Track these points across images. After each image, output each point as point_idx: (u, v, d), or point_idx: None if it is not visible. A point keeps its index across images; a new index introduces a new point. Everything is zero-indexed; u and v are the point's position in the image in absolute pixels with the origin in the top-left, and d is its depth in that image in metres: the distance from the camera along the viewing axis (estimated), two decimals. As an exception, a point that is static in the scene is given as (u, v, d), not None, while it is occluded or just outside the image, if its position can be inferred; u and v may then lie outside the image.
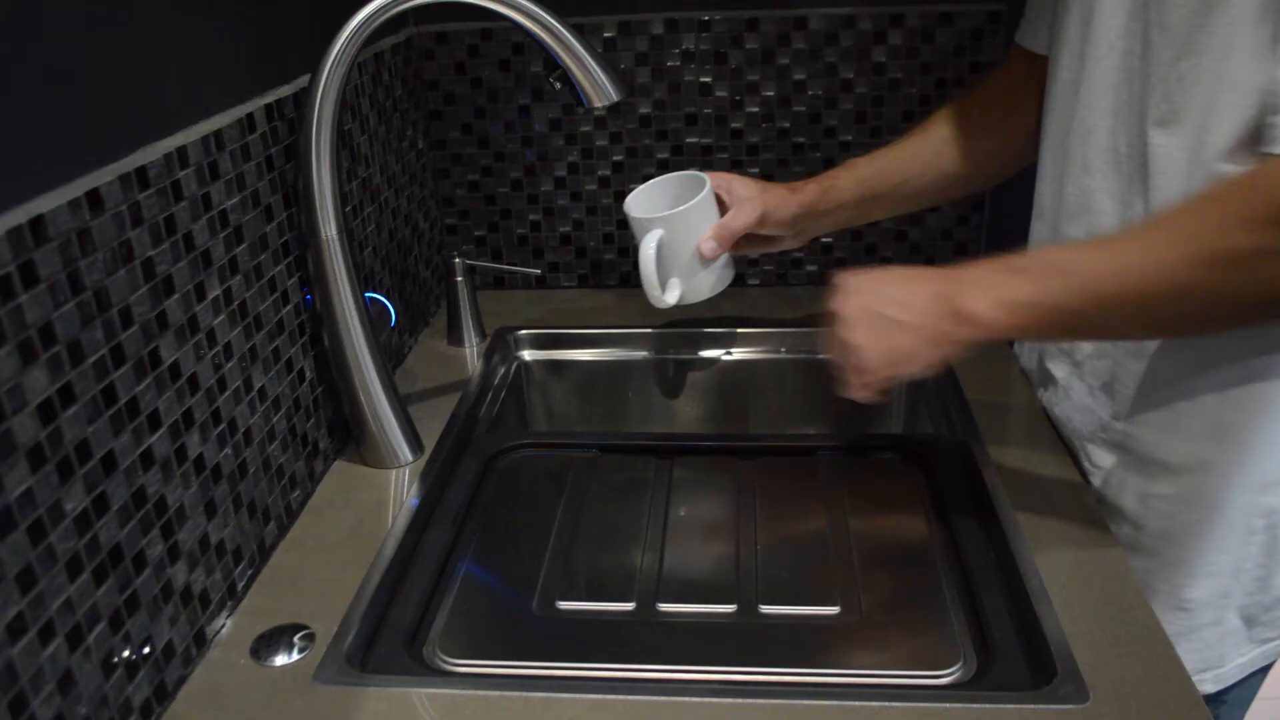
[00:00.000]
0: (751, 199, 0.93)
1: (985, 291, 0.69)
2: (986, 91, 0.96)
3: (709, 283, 0.96)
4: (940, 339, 0.71)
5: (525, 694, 0.66)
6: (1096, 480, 0.83)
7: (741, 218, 0.92)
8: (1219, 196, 0.63)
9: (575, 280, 1.30)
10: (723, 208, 0.94)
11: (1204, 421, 0.75)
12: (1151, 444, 0.78)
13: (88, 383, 0.59)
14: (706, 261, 0.93)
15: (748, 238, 0.94)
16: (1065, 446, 0.89)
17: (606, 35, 1.17)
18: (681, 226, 0.92)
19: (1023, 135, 0.92)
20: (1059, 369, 0.88)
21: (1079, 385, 0.85)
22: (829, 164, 1.20)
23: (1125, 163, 0.75)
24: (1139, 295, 0.65)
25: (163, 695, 0.66)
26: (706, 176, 0.93)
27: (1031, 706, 0.64)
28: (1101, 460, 0.83)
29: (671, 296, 0.94)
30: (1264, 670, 0.84)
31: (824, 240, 1.25)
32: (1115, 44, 0.74)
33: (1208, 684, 0.82)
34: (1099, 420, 0.83)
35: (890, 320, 0.73)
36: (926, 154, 0.96)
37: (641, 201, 0.96)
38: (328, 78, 0.80)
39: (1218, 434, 0.74)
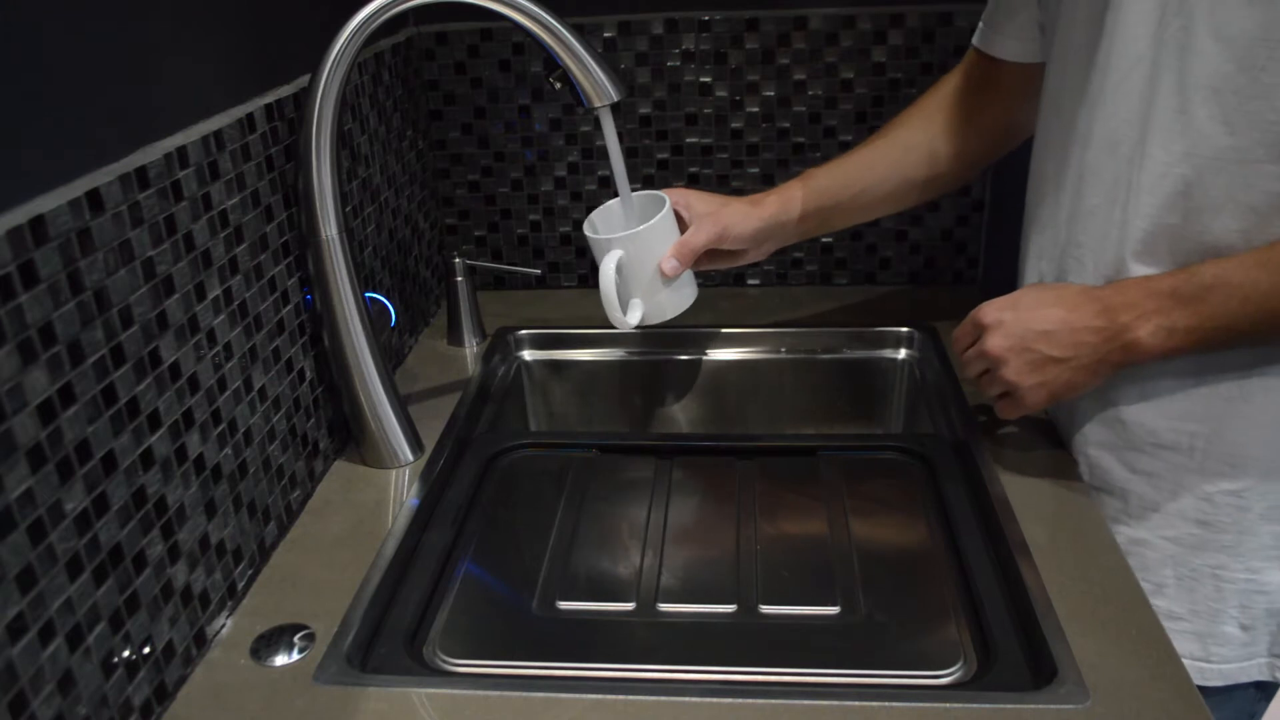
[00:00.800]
0: (711, 214, 0.93)
1: (1151, 322, 0.71)
2: (946, 95, 0.95)
3: (672, 302, 0.95)
4: (1101, 368, 0.74)
5: (525, 694, 0.66)
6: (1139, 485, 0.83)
7: (701, 234, 0.91)
8: None
9: (575, 280, 1.30)
10: (683, 225, 0.94)
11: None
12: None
13: (88, 383, 0.59)
14: (668, 280, 0.92)
15: (709, 253, 0.94)
16: (1065, 446, 0.89)
17: (606, 35, 1.17)
18: (641, 246, 0.91)
19: (988, 138, 0.92)
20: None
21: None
22: (829, 164, 1.20)
23: (1164, 179, 0.73)
24: None
25: (163, 695, 0.66)
26: (665, 195, 0.93)
27: (1031, 706, 0.64)
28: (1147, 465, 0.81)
29: (633, 317, 0.93)
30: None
31: (824, 240, 1.25)
32: (1144, 54, 0.71)
33: None
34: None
35: (1048, 358, 0.75)
36: (887, 161, 0.95)
37: (600, 222, 0.96)
38: (328, 78, 0.80)
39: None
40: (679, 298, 0.95)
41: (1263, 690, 0.84)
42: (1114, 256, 0.76)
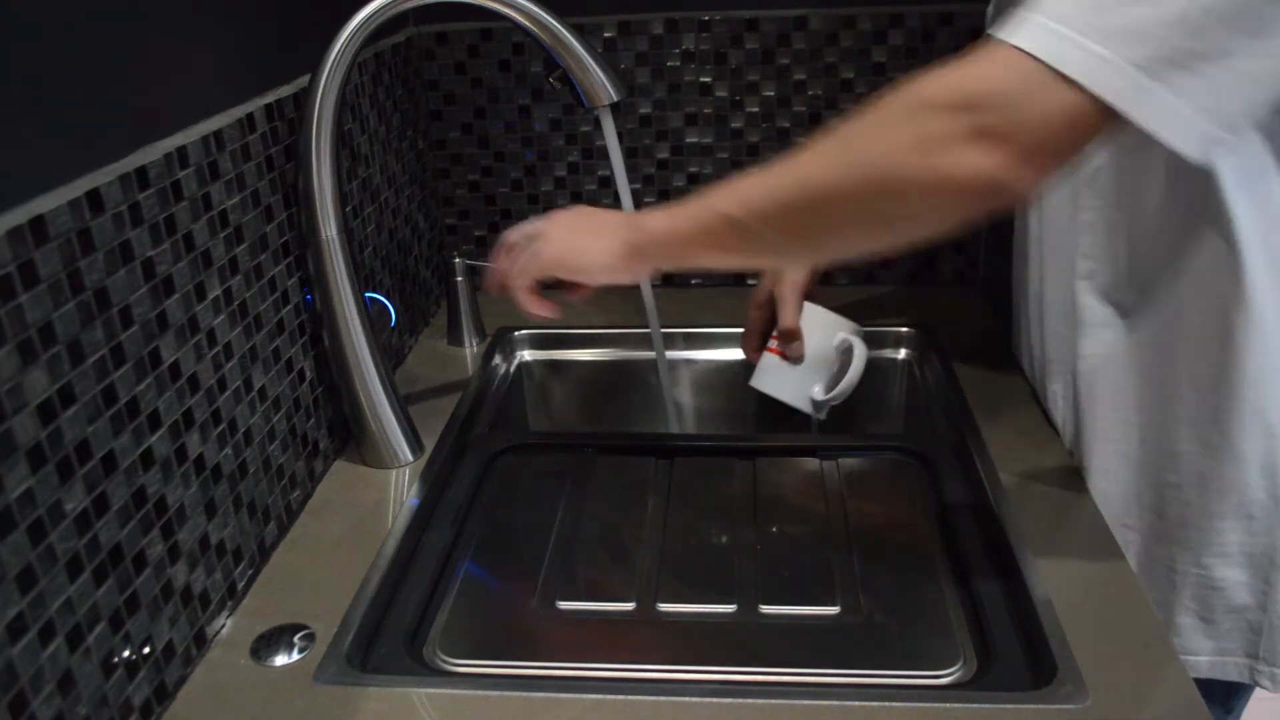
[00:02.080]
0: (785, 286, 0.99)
1: (664, 206, 0.72)
2: None
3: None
4: (620, 244, 0.75)
5: (525, 694, 0.66)
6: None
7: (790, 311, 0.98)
8: (890, 93, 0.61)
9: (575, 280, 1.29)
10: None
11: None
12: None
13: (88, 383, 0.59)
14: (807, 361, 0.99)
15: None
16: (1065, 446, 0.89)
17: (606, 35, 1.17)
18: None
19: None
20: None
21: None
22: (829, 164, 1.20)
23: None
24: (801, 204, 0.64)
25: (163, 695, 0.66)
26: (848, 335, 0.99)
27: (1031, 706, 0.64)
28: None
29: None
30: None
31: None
32: None
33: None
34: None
35: (574, 223, 0.79)
36: None
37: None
38: (328, 78, 0.80)
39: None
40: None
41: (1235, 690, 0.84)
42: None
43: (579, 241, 0.77)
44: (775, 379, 1.00)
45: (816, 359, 0.99)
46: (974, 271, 1.26)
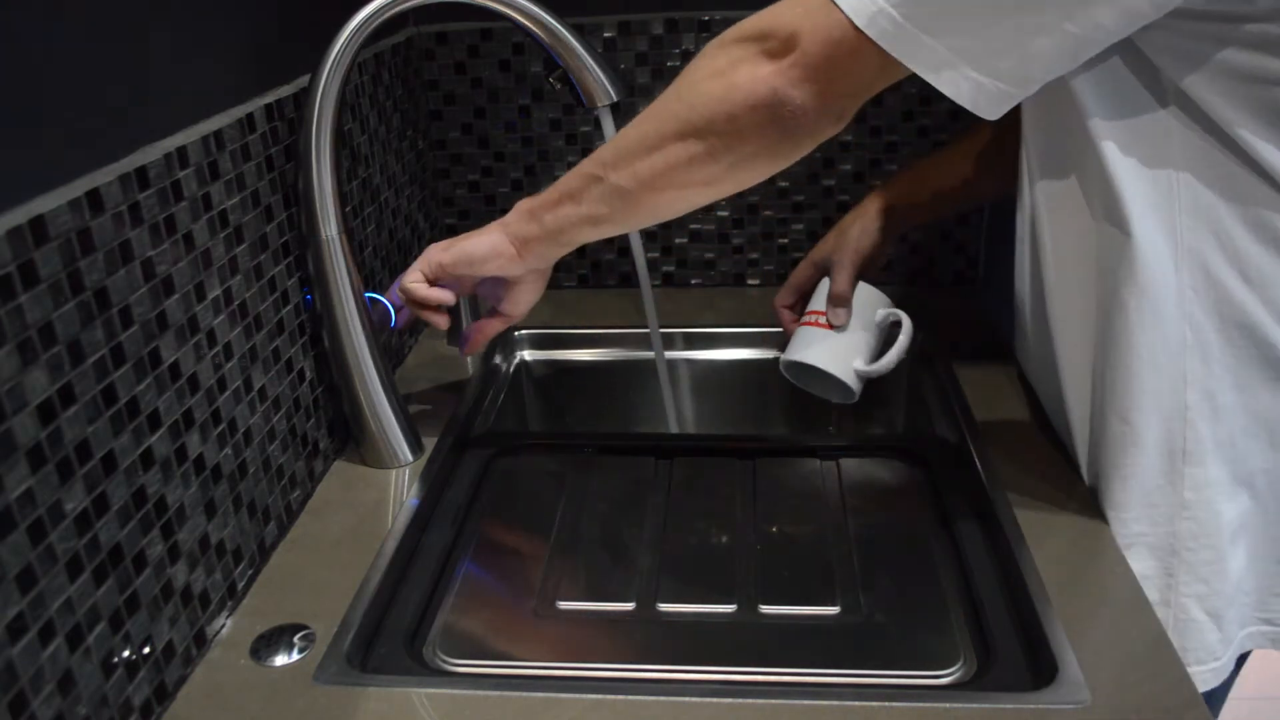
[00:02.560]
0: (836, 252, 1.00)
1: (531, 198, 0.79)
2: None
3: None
4: (496, 228, 0.81)
5: (525, 694, 0.66)
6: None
7: (844, 277, 0.98)
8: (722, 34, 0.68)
9: (575, 280, 1.30)
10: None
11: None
12: None
13: (88, 383, 0.59)
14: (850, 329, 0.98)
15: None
16: (1064, 446, 0.89)
17: (606, 35, 1.17)
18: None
19: None
20: None
21: None
22: (828, 164, 1.20)
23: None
24: (647, 143, 0.70)
25: (163, 695, 0.66)
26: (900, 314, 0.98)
27: (1031, 706, 0.64)
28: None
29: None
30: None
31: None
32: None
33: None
34: None
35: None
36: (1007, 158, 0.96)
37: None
38: (328, 78, 0.80)
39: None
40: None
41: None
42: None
43: (465, 237, 0.82)
44: (816, 350, 0.97)
45: (858, 331, 0.97)
46: (974, 271, 1.26)
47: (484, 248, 0.81)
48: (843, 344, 0.97)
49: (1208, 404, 0.73)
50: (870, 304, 0.98)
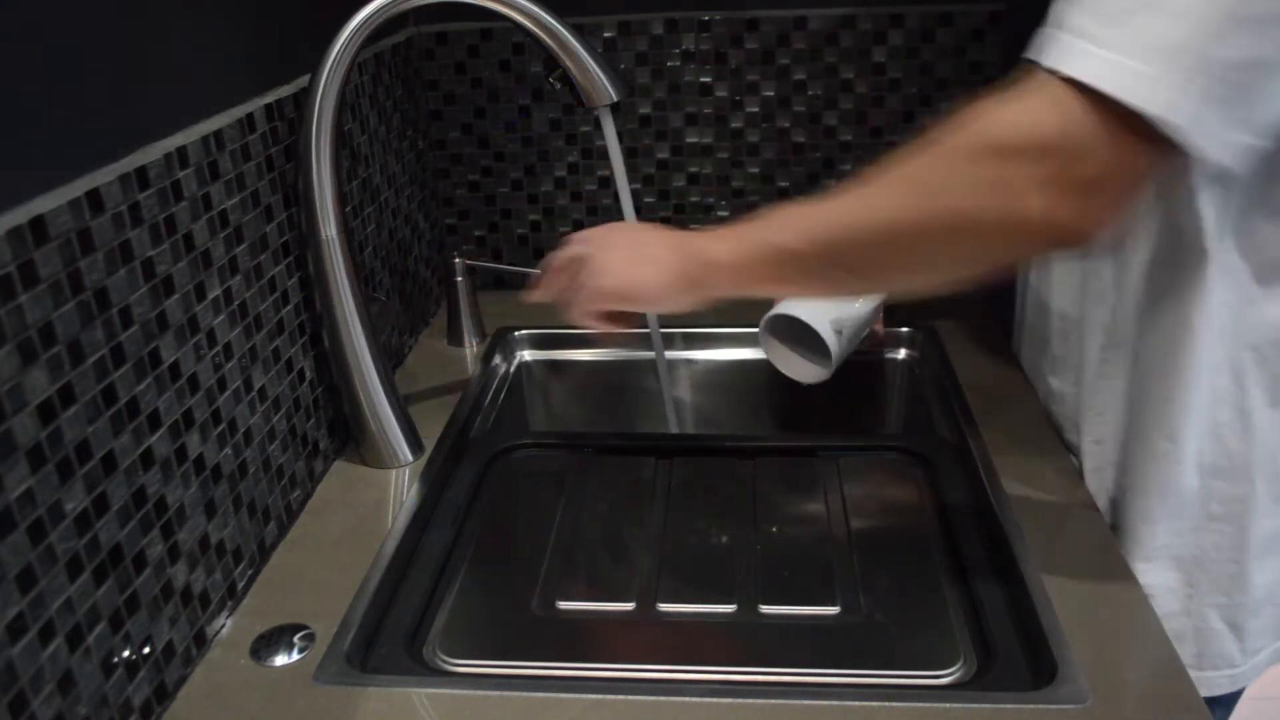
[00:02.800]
0: None
1: (714, 235, 0.70)
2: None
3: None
4: (677, 277, 0.72)
5: (525, 694, 0.66)
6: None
7: None
8: (952, 131, 0.60)
9: (575, 280, 1.29)
10: None
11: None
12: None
13: (88, 383, 0.59)
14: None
15: None
16: (1065, 446, 0.89)
17: (606, 35, 1.17)
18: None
19: None
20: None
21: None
22: (829, 164, 1.20)
23: None
24: (865, 240, 0.63)
25: (163, 695, 0.66)
26: None
27: (1031, 706, 0.64)
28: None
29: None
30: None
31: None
32: None
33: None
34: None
35: (629, 252, 0.75)
36: None
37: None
38: (328, 78, 0.80)
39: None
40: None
41: None
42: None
43: (636, 272, 0.74)
44: (794, 304, 0.98)
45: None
46: (974, 271, 1.25)
47: (657, 296, 0.74)
48: (820, 303, 0.98)
49: (1240, 421, 0.73)
50: None
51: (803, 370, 1.01)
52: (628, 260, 0.75)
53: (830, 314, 0.98)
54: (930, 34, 1.14)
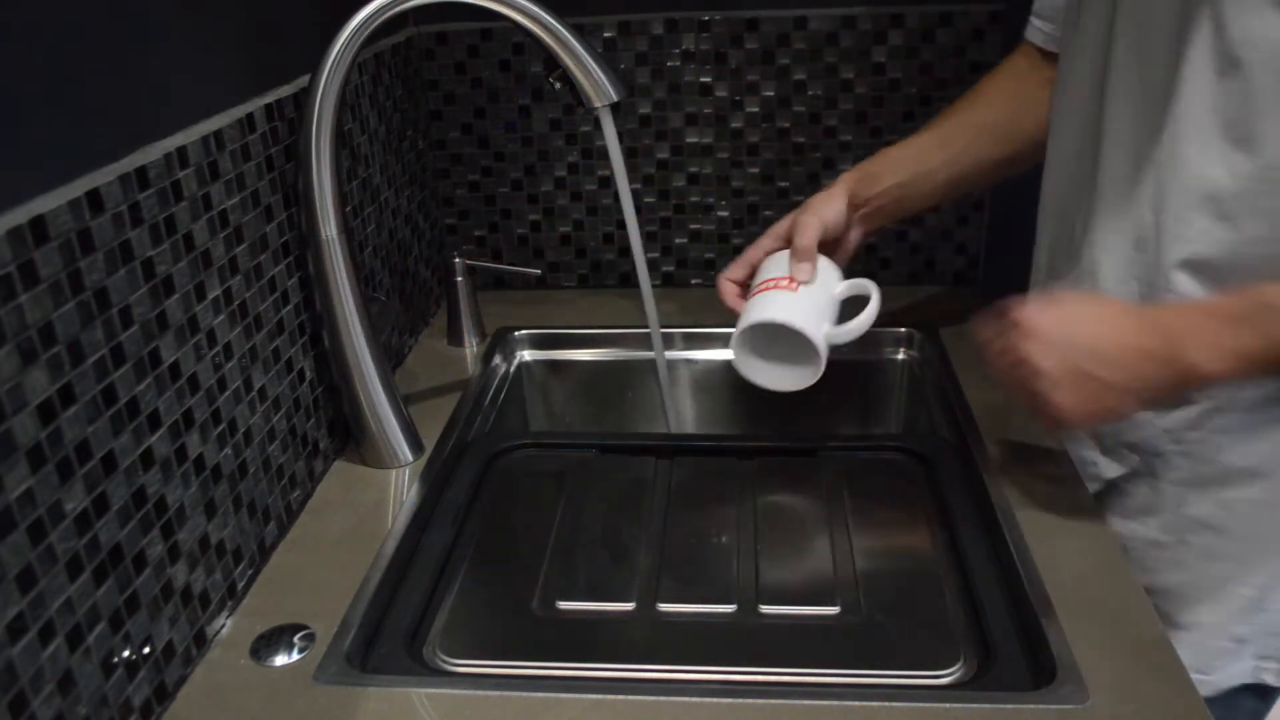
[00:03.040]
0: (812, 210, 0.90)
1: (1208, 346, 0.65)
2: (1005, 80, 0.93)
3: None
4: (1157, 396, 0.69)
5: (525, 694, 0.66)
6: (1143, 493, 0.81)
7: (808, 233, 0.87)
8: None
9: (575, 280, 1.30)
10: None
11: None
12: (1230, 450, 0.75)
13: (88, 383, 0.59)
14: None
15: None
16: (1065, 447, 0.88)
17: (606, 35, 1.17)
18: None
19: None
20: None
21: None
22: (829, 164, 1.20)
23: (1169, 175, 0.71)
24: None
25: (163, 695, 0.66)
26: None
27: (1031, 706, 0.64)
28: (1160, 470, 0.80)
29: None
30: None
31: (824, 240, 1.25)
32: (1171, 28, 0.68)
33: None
34: (1160, 430, 0.78)
35: (1101, 382, 0.68)
36: (959, 141, 0.92)
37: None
38: (328, 78, 0.80)
39: None
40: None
41: (1258, 694, 0.84)
42: (1145, 266, 0.74)
43: (1109, 404, 0.68)
44: (779, 308, 0.85)
45: (823, 295, 0.87)
46: (974, 272, 1.26)
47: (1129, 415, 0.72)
48: (809, 302, 0.86)
49: None
50: (831, 273, 0.89)
51: (790, 378, 0.90)
52: (1102, 393, 0.68)
53: (823, 324, 0.87)
54: (930, 34, 1.14)
